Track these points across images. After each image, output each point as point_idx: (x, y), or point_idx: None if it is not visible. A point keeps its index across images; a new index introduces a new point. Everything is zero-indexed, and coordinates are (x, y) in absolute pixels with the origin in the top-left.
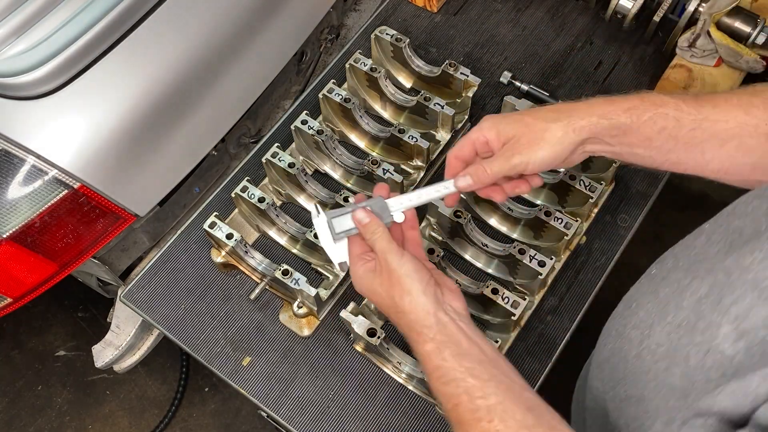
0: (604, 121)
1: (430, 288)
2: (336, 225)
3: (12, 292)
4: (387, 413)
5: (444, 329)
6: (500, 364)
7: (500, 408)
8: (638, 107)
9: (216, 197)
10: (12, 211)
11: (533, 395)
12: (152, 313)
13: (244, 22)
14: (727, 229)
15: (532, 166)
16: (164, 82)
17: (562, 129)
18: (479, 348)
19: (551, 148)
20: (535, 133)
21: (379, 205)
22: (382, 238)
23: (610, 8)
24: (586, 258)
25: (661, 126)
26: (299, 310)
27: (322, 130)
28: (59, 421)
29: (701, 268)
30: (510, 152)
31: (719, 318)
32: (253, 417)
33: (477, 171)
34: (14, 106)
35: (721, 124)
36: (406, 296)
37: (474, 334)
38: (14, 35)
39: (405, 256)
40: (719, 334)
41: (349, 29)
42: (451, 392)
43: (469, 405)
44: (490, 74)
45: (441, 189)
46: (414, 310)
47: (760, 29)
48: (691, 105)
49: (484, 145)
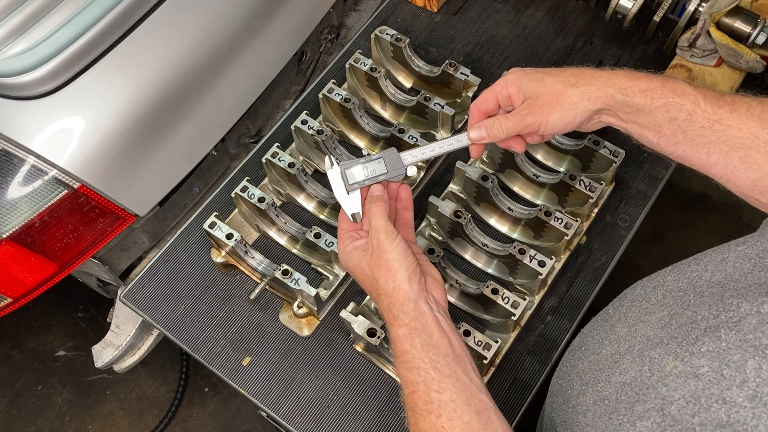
0: (619, 95)
1: (415, 276)
2: (349, 176)
3: (12, 292)
4: (387, 413)
5: (420, 317)
6: (464, 362)
7: (451, 406)
8: (656, 90)
9: (216, 197)
10: (12, 211)
11: (487, 398)
12: (152, 313)
13: (244, 22)
14: (680, 302)
15: (543, 127)
16: (164, 81)
17: (578, 95)
18: (449, 342)
19: (565, 112)
20: (552, 96)
21: (392, 157)
22: (381, 216)
23: (610, 8)
24: (586, 258)
25: (672, 115)
26: (299, 310)
27: (322, 130)
28: (59, 421)
29: (638, 338)
30: (526, 110)
31: (627, 425)
32: (253, 417)
33: (492, 125)
34: (14, 106)
35: (733, 131)
36: (391, 280)
37: (448, 327)
38: (14, 35)
39: (397, 239)
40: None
41: (349, 29)
42: (412, 379)
43: (424, 396)
44: (490, 74)
45: (454, 142)
46: (395, 295)
47: (760, 29)
48: (710, 103)
49: (506, 98)
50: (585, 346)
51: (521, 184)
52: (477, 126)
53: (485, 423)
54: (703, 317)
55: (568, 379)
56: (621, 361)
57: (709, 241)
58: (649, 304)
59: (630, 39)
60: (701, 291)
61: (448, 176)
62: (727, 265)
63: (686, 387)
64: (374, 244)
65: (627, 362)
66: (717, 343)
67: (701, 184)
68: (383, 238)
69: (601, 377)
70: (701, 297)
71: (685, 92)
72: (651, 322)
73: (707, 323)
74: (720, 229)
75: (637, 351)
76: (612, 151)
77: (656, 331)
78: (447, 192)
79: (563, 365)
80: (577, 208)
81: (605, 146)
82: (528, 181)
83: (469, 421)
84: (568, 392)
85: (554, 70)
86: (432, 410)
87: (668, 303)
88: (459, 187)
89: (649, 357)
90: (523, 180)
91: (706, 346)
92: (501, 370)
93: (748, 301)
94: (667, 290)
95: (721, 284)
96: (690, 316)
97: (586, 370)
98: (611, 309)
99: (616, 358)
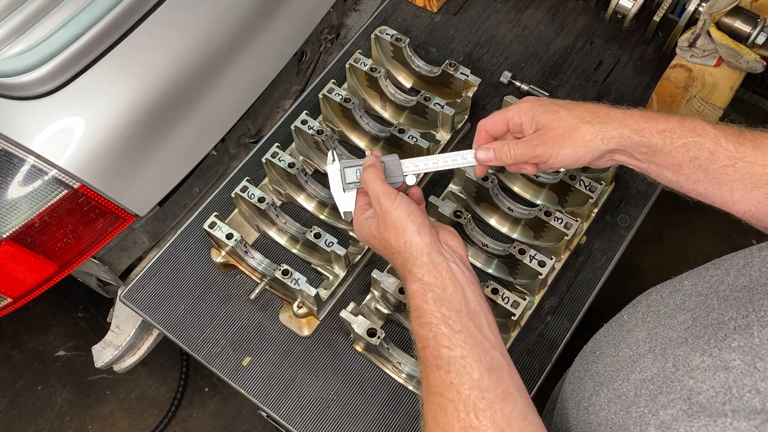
0: (636, 137)
1: (425, 228)
2: (347, 175)
3: (12, 292)
4: (387, 413)
5: (434, 270)
6: (478, 317)
7: (461, 362)
8: (675, 131)
9: (216, 197)
10: (12, 211)
11: (500, 356)
12: (152, 313)
13: (244, 22)
14: (703, 306)
15: (552, 160)
16: (164, 81)
17: (592, 133)
18: (463, 295)
19: (576, 149)
20: (565, 130)
21: (393, 163)
22: (374, 181)
23: (610, 8)
24: (586, 258)
25: (693, 155)
26: (299, 310)
27: (322, 130)
28: (59, 421)
29: (660, 340)
30: (537, 141)
31: (649, 415)
32: (253, 417)
33: (501, 149)
34: (14, 106)
35: (757, 168)
36: (401, 236)
37: (464, 279)
38: (14, 35)
39: (398, 198)
40: (646, 430)
41: (349, 29)
42: (424, 334)
43: (434, 351)
44: (490, 74)
45: (459, 159)
46: (408, 250)
47: (760, 29)
48: (731, 141)
49: (517, 126)
50: (599, 350)
51: (521, 184)
52: (486, 147)
53: (496, 380)
54: (731, 318)
55: (580, 383)
56: (641, 360)
57: (709, 241)
58: (668, 309)
59: (630, 39)
60: (725, 295)
61: (448, 176)
62: (752, 270)
63: (716, 378)
64: (377, 209)
65: (648, 360)
66: (749, 339)
67: None
68: (383, 200)
69: (618, 376)
70: (725, 300)
71: (705, 131)
72: (672, 325)
73: (736, 323)
74: (720, 229)
75: (660, 350)
76: None
77: (679, 332)
78: (447, 192)
79: (575, 371)
80: (577, 208)
81: None
82: (528, 181)
83: (479, 377)
84: (580, 395)
85: (569, 103)
86: (441, 366)
87: (689, 307)
88: (459, 187)
89: (673, 354)
90: (523, 180)
91: (737, 342)
92: None
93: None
94: (686, 295)
95: (746, 288)
96: (716, 318)
97: (601, 372)
98: (626, 315)
99: (635, 359)
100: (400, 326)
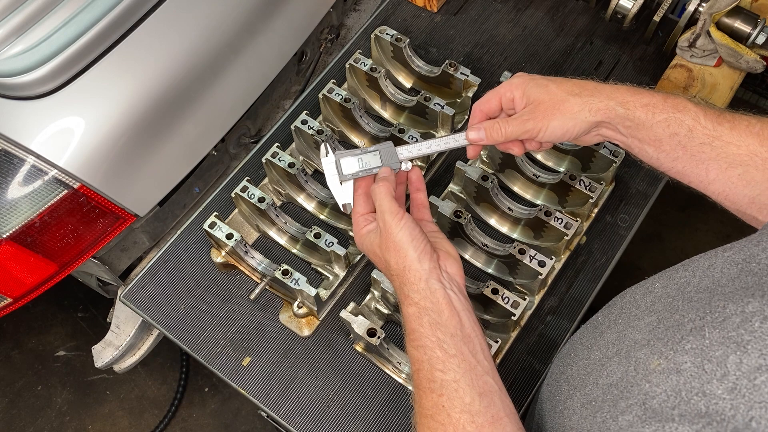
0: (621, 109)
1: (426, 254)
2: (344, 166)
3: (12, 292)
4: (387, 413)
5: (431, 296)
6: (472, 343)
7: (453, 386)
8: (657, 105)
9: (216, 197)
10: (12, 211)
11: (493, 381)
12: (152, 313)
13: (244, 22)
14: (669, 308)
15: (542, 134)
16: (164, 81)
17: (579, 105)
18: (458, 321)
19: (564, 120)
20: (554, 103)
21: (387, 150)
22: (385, 198)
23: (610, 8)
24: (586, 258)
25: (673, 131)
26: (299, 310)
27: (322, 130)
28: (59, 421)
29: (626, 342)
30: (527, 116)
31: (610, 420)
32: (253, 417)
33: (492, 128)
34: (14, 106)
35: (732, 147)
36: (401, 261)
37: (460, 305)
38: (14, 35)
39: (403, 220)
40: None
41: (349, 29)
42: (418, 357)
43: (428, 374)
44: (490, 74)
45: (451, 141)
46: (406, 275)
47: (760, 29)
48: (710, 119)
49: (509, 101)
50: (574, 352)
51: (521, 184)
52: (476, 127)
53: (487, 405)
54: (689, 319)
55: (557, 385)
56: (608, 363)
57: (709, 241)
58: (638, 311)
59: (630, 39)
60: (689, 296)
61: (448, 176)
62: (714, 271)
63: (668, 382)
64: (381, 226)
65: (614, 364)
66: (701, 341)
67: None
68: (388, 218)
69: (588, 380)
70: (689, 302)
71: (686, 108)
72: (639, 327)
73: (693, 324)
74: (720, 229)
75: (624, 353)
76: (612, 151)
77: (644, 334)
78: (447, 192)
79: (552, 372)
80: (577, 208)
81: (605, 146)
82: (528, 181)
83: (471, 402)
84: (556, 398)
85: (559, 79)
86: (434, 389)
87: (657, 309)
88: (459, 187)
89: (635, 357)
90: (523, 180)
91: (690, 344)
92: (501, 370)
93: (733, 302)
94: (656, 296)
95: (708, 289)
96: (677, 320)
97: (575, 375)
98: (600, 316)
99: (603, 362)
100: (400, 326)
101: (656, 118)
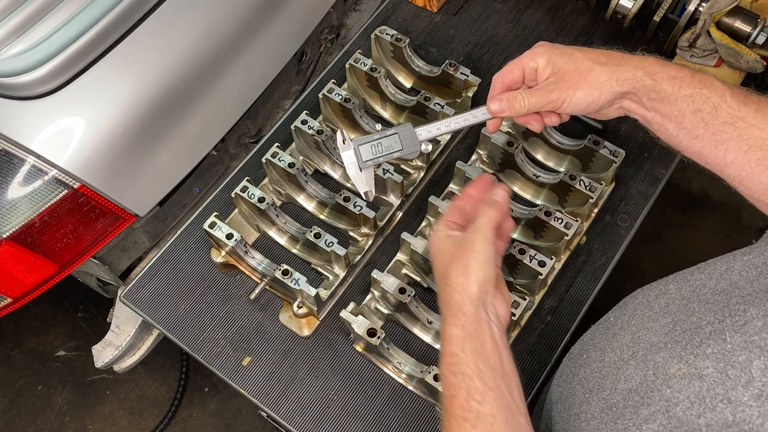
0: (648, 80)
1: (487, 284)
2: (363, 153)
3: (12, 292)
4: (387, 413)
5: (477, 323)
6: (510, 380)
7: (489, 420)
8: (685, 79)
9: (216, 197)
10: (12, 211)
11: (526, 423)
12: (152, 313)
13: (244, 22)
14: (684, 310)
15: (566, 104)
16: (164, 81)
17: (606, 75)
18: (499, 356)
19: (590, 90)
20: (580, 72)
21: (407, 132)
22: (489, 222)
23: (610, 8)
24: (586, 258)
25: (697, 107)
26: (299, 310)
27: (322, 130)
28: (59, 421)
29: (642, 345)
30: (552, 86)
31: (633, 429)
32: (253, 417)
33: (515, 98)
34: (14, 106)
35: (755, 130)
36: (463, 276)
37: (502, 342)
38: (14, 35)
39: (490, 246)
40: None
41: (349, 29)
42: (455, 383)
43: (464, 403)
44: (490, 74)
45: (470, 117)
46: (462, 294)
47: (760, 29)
48: (736, 99)
49: (532, 71)
50: (586, 353)
51: (521, 184)
52: (498, 98)
53: None
54: (708, 322)
55: (569, 387)
56: (625, 366)
57: (709, 241)
58: (652, 312)
59: (630, 39)
60: (705, 299)
61: (448, 176)
62: (732, 274)
63: (691, 388)
64: (466, 241)
65: (631, 368)
66: (722, 345)
67: (701, 184)
68: (479, 238)
69: (606, 385)
70: (706, 304)
71: (713, 85)
72: (654, 329)
73: (712, 327)
74: (720, 229)
75: (641, 356)
76: (612, 151)
77: (660, 337)
78: (447, 192)
79: (563, 373)
80: (577, 208)
81: (605, 146)
82: (528, 181)
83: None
84: (570, 400)
85: (584, 48)
86: (468, 418)
87: (672, 311)
88: (459, 187)
89: (653, 361)
90: (523, 180)
91: (711, 348)
92: None
93: (754, 306)
94: (670, 298)
95: (725, 292)
96: (694, 322)
97: (589, 378)
98: (612, 317)
99: (619, 365)
100: (400, 326)
101: (682, 92)
